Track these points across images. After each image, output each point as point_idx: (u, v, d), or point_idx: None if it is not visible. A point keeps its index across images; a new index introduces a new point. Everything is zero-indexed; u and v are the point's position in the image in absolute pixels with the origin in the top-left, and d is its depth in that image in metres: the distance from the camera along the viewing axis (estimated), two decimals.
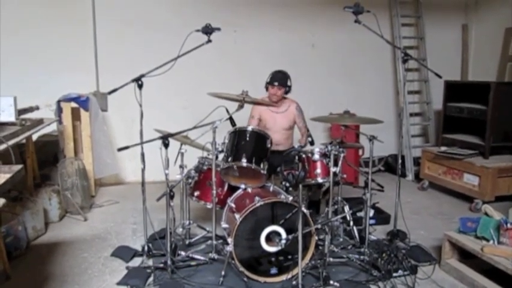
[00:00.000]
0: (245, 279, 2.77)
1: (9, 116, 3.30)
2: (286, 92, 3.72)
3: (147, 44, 4.99)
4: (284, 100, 3.79)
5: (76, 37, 4.86)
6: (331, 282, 2.73)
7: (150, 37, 5.02)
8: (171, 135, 2.85)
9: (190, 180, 3.35)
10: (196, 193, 3.32)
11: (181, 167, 3.28)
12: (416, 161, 5.54)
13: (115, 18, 4.95)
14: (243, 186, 3.17)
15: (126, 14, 4.99)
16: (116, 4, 4.95)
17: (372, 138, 3.13)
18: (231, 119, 3.24)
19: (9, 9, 4.56)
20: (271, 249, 2.78)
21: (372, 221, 3.71)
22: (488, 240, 2.84)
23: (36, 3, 4.71)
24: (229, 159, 3.09)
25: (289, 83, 3.67)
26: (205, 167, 3.32)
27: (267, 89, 3.70)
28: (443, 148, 4.93)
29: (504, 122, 4.61)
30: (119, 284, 2.80)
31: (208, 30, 3.00)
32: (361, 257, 3.05)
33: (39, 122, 3.76)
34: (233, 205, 3.05)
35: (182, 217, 3.45)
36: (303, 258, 2.68)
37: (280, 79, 3.63)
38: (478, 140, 4.77)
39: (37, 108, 4.05)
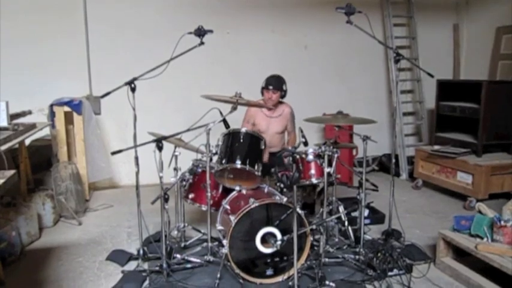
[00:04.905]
0: (241, 281, 2.77)
1: (2, 121, 3.29)
2: (282, 96, 3.72)
3: (139, 48, 4.98)
4: (279, 105, 3.79)
5: (68, 41, 4.84)
6: (327, 282, 2.72)
7: (143, 40, 5.01)
8: (165, 138, 2.84)
9: (184, 183, 3.35)
10: (190, 195, 3.32)
11: (175, 169, 3.28)
12: (410, 160, 5.56)
13: (107, 23, 4.93)
14: (237, 188, 3.17)
15: (118, 18, 4.97)
16: (108, 9, 4.93)
17: (365, 138, 3.14)
18: (224, 121, 3.24)
19: (2, 16, 4.53)
20: (267, 250, 2.78)
21: (367, 221, 3.73)
22: (482, 238, 2.85)
23: (29, 10, 4.68)
24: (224, 161, 3.08)
25: (284, 87, 3.67)
26: (199, 170, 3.32)
27: (262, 94, 3.70)
28: (436, 147, 4.94)
29: (496, 120, 4.63)
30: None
31: (200, 32, 3.00)
32: (357, 256, 3.06)
33: (32, 126, 3.74)
34: (228, 207, 3.04)
35: (177, 220, 3.44)
36: (298, 259, 2.69)
37: (274, 83, 3.63)
38: (470, 138, 4.79)
39: (30, 112, 4.03)
